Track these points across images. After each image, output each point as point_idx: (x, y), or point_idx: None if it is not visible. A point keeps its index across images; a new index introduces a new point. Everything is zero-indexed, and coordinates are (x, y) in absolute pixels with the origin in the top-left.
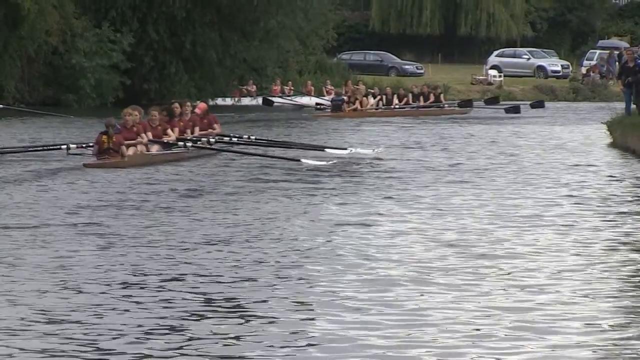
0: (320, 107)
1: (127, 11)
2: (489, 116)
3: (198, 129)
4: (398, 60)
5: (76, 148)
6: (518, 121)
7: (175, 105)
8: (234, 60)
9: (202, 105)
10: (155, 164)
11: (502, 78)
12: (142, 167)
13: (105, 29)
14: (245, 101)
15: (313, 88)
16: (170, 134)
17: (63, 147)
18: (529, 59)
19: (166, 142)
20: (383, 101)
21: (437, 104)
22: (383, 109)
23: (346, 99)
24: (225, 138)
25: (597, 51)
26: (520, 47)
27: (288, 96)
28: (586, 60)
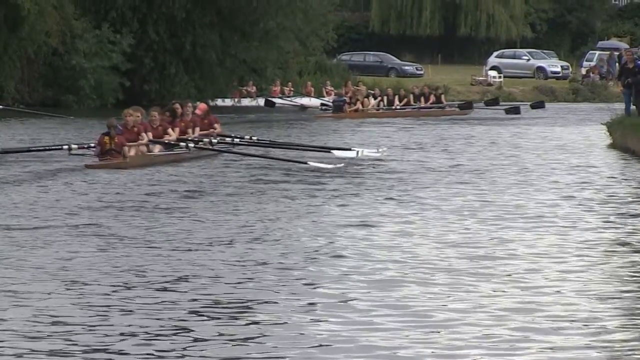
0: (325, 108)
1: (127, 12)
2: (489, 117)
3: (199, 130)
4: (398, 61)
5: (77, 149)
6: (518, 122)
7: (176, 105)
8: (234, 61)
9: (202, 105)
10: (157, 165)
11: (502, 79)
12: (144, 168)
13: (105, 30)
14: (245, 102)
15: (313, 89)
16: (170, 133)
17: (65, 148)
18: (529, 60)
19: (168, 143)
20: (384, 102)
21: (438, 105)
22: (384, 110)
23: (347, 100)
24: (227, 139)
25: (597, 52)
26: (520, 48)
27: (288, 97)
28: (586, 61)
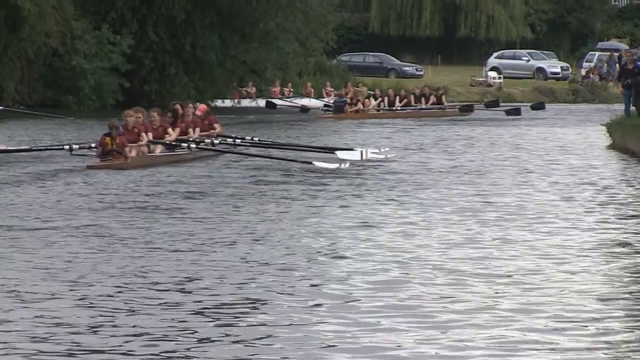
0: (327, 109)
1: (127, 13)
2: (490, 118)
3: (199, 130)
4: (397, 62)
5: (79, 149)
6: (518, 123)
7: (177, 106)
8: (234, 62)
9: (202, 106)
10: (158, 166)
11: (502, 80)
12: (146, 169)
13: (104, 31)
14: (244, 103)
15: (313, 90)
16: (170, 133)
17: (66, 148)
18: (529, 61)
19: (169, 144)
20: (384, 103)
21: (439, 106)
22: (385, 111)
23: (348, 101)
24: (228, 139)
25: (597, 53)
26: (519, 49)
27: (288, 98)
28: (585, 62)
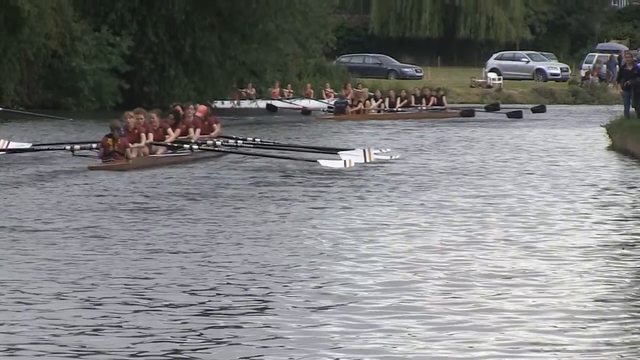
0: (329, 110)
1: (127, 14)
2: (490, 119)
3: (199, 131)
4: (397, 63)
5: (80, 149)
6: (518, 124)
7: (177, 108)
8: (233, 63)
9: (202, 107)
10: (160, 167)
11: (502, 81)
12: (147, 170)
13: (104, 32)
14: (244, 104)
15: (312, 91)
16: (170, 133)
17: (67, 148)
18: (528, 62)
19: (171, 145)
20: (385, 104)
21: (440, 107)
22: (385, 112)
23: (349, 102)
24: (230, 141)
25: (596, 54)
26: (519, 50)
27: (287, 99)
28: (585, 63)
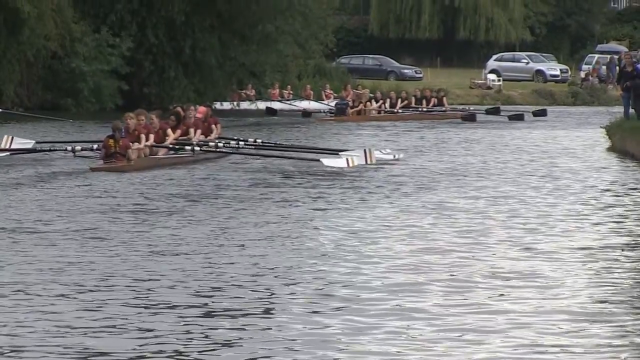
0: (330, 112)
1: (126, 16)
2: (491, 120)
3: (200, 132)
4: (397, 64)
5: (81, 150)
6: (518, 126)
7: (178, 109)
8: (233, 64)
9: (202, 108)
10: (161, 168)
11: (501, 82)
12: (149, 171)
13: (104, 34)
14: (244, 105)
15: (312, 92)
16: (169, 134)
17: (69, 149)
18: (528, 63)
19: (173, 147)
20: (386, 105)
21: (440, 108)
22: (386, 113)
23: (350, 104)
24: (231, 142)
25: (596, 55)
26: (519, 52)
27: (287, 100)
28: (585, 64)
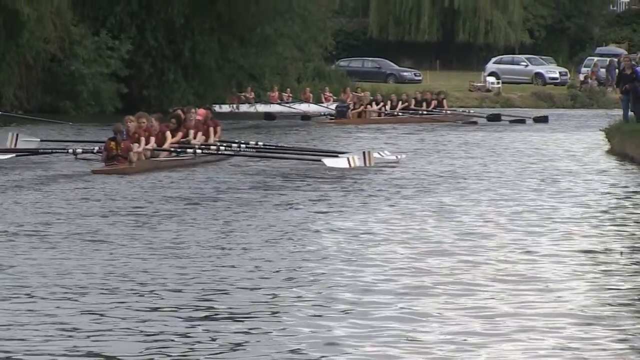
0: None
1: (126, 18)
2: (492, 123)
3: (200, 134)
4: (396, 67)
5: (83, 153)
6: (518, 128)
7: (178, 112)
8: (232, 67)
9: (202, 111)
10: (163, 170)
11: (500, 85)
12: (150, 173)
13: (103, 36)
14: (243, 108)
15: (311, 95)
16: (168, 137)
17: (70, 152)
18: (527, 66)
19: (174, 150)
20: (386, 107)
21: (440, 109)
22: (386, 116)
23: (351, 107)
24: (233, 145)
25: (595, 58)
26: (518, 54)
27: (286, 103)
28: (584, 67)
